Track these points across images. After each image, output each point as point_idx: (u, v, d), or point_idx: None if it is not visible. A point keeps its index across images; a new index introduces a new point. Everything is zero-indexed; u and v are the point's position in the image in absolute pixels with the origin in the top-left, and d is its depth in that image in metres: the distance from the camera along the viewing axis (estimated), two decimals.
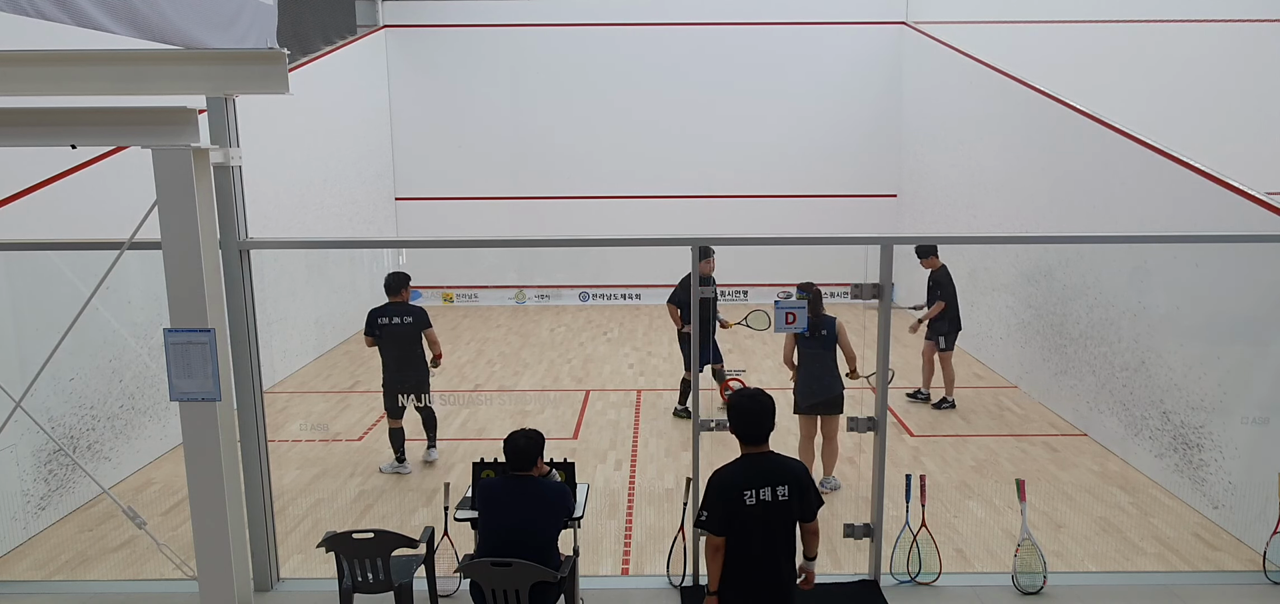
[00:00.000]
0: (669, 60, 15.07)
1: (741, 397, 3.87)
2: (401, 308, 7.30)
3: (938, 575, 5.42)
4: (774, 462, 3.82)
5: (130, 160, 6.64)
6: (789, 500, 3.76)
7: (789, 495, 3.76)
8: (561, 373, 10.81)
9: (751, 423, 3.82)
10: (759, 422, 3.81)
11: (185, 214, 4.39)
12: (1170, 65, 13.82)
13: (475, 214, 15.37)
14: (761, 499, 3.73)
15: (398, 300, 7.31)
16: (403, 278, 7.37)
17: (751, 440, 3.84)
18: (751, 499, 3.73)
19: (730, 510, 3.74)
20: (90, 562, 5.97)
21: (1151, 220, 7.41)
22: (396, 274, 7.37)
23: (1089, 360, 8.18)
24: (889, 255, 5.24)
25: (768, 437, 3.85)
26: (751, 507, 3.73)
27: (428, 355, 7.37)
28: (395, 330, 7.23)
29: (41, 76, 4.37)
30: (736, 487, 3.75)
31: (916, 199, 14.25)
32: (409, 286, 7.41)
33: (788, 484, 3.76)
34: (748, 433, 3.84)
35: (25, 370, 5.88)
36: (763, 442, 3.84)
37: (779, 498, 3.74)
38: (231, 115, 4.99)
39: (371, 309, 7.31)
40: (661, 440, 8.22)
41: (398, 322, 7.23)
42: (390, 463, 7.50)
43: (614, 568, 5.82)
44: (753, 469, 3.79)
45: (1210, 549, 5.99)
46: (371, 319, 7.25)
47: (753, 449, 3.85)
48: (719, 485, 3.79)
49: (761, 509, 3.73)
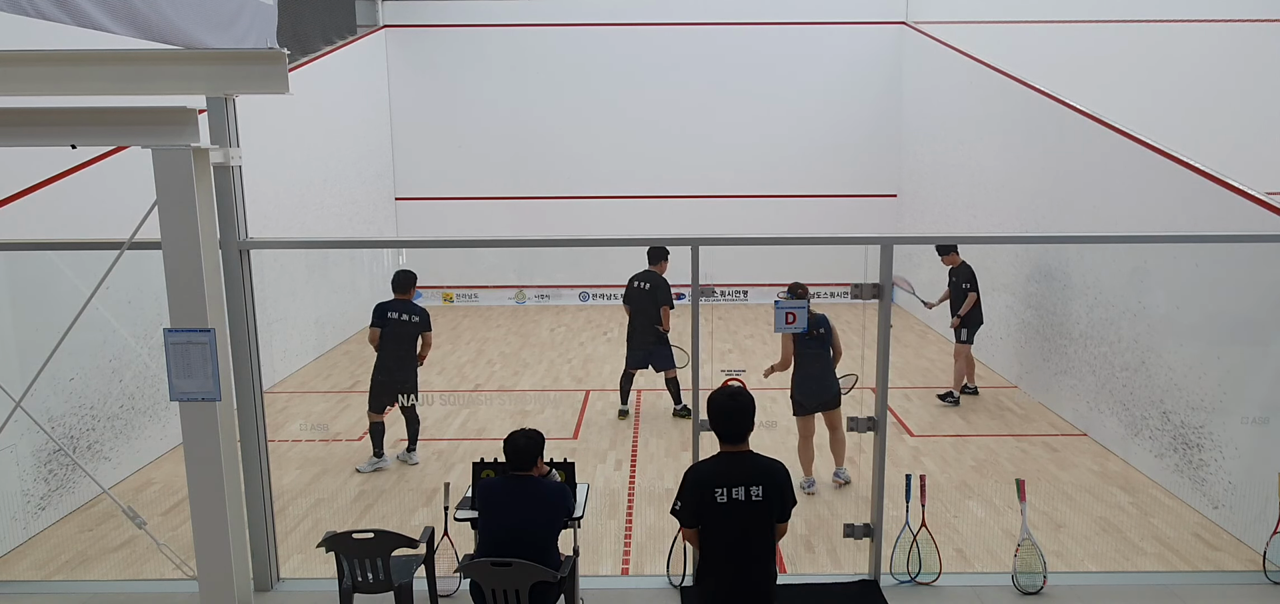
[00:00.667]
0: (669, 60, 15.06)
1: (720, 395, 3.88)
2: (408, 306, 7.44)
3: (938, 575, 5.42)
4: (751, 462, 3.82)
5: (130, 160, 6.64)
6: (763, 502, 3.74)
7: (764, 496, 3.74)
8: (561, 373, 10.81)
9: (729, 421, 3.82)
10: (736, 420, 3.82)
11: (185, 214, 4.39)
12: (1170, 65, 13.82)
13: (475, 214, 15.36)
14: (733, 498, 3.73)
15: (405, 297, 7.45)
16: (412, 276, 7.53)
17: (729, 439, 3.85)
18: (722, 497, 3.73)
19: (701, 505, 3.77)
20: (90, 562, 5.97)
21: (1151, 220, 7.42)
22: (406, 272, 7.53)
23: (1089, 360, 8.18)
24: (889, 255, 5.24)
25: (746, 436, 3.85)
26: (722, 504, 3.74)
27: (418, 355, 7.49)
28: (400, 326, 7.36)
29: (41, 76, 4.37)
30: (708, 484, 3.77)
31: (916, 199, 14.25)
32: (415, 285, 7.56)
33: (763, 485, 3.75)
34: (725, 431, 3.84)
35: (25, 370, 5.88)
36: (741, 441, 3.85)
37: (753, 498, 3.73)
38: (231, 115, 4.98)
39: (379, 302, 7.45)
40: (661, 440, 8.22)
41: (404, 318, 7.38)
42: (369, 461, 7.52)
43: (614, 568, 5.83)
44: (728, 468, 3.79)
45: (1210, 549, 5.99)
46: (380, 311, 7.39)
47: (731, 448, 3.85)
48: (692, 480, 3.82)
49: (733, 508, 3.73)
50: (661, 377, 8.91)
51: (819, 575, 5.67)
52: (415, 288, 7.53)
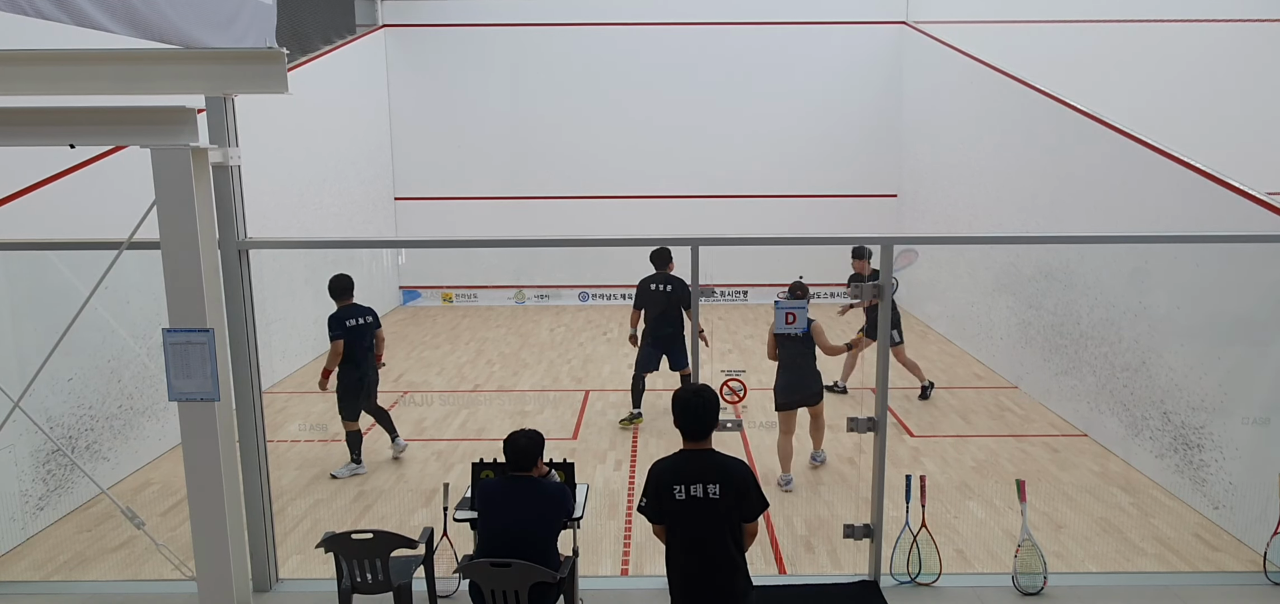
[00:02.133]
0: (669, 60, 15.06)
1: (685, 391, 3.87)
2: (361, 308, 7.38)
3: (938, 576, 5.42)
4: (710, 459, 3.80)
5: (129, 160, 6.63)
6: (721, 500, 3.72)
7: (721, 495, 3.72)
8: (561, 373, 10.80)
9: (689, 417, 3.81)
10: (697, 416, 3.80)
11: (184, 214, 4.38)
12: (1170, 65, 13.82)
13: (475, 214, 15.36)
14: (691, 495, 3.73)
15: (351, 302, 7.37)
16: (350, 280, 7.43)
17: (690, 435, 3.84)
18: (680, 494, 3.74)
19: (661, 502, 3.78)
20: (89, 562, 5.96)
21: (1152, 220, 7.41)
22: (345, 276, 7.42)
23: (1089, 361, 8.18)
24: (889, 255, 5.24)
25: (708, 434, 3.84)
26: (680, 501, 3.74)
27: (377, 355, 7.57)
28: (361, 330, 7.33)
29: (41, 76, 4.36)
30: (666, 481, 3.77)
31: (916, 199, 14.24)
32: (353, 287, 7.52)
33: (720, 483, 3.73)
34: (686, 427, 3.84)
35: (24, 370, 5.87)
36: (702, 438, 3.83)
37: (709, 496, 3.72)
38: (230, 115, 4.98)
39: (333, 313, 7.28)
40: (661, 441, 8.21)
41: (362, 322, 7.34)
42: (346, 466, 7.46)
43: (613, 568, 5.82)
44: (686, 465, 3.79)
45: (1211, 550, 5.98)
46: (338, 321, 7.24)
47: (692, 445, 3.85)
48: (654, 476, 3.84)
49: (690, 505, 3.73)
50: (678, 374, 8.76)
51: (819, 576, 5.66)
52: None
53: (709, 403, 3.82)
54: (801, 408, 7.08)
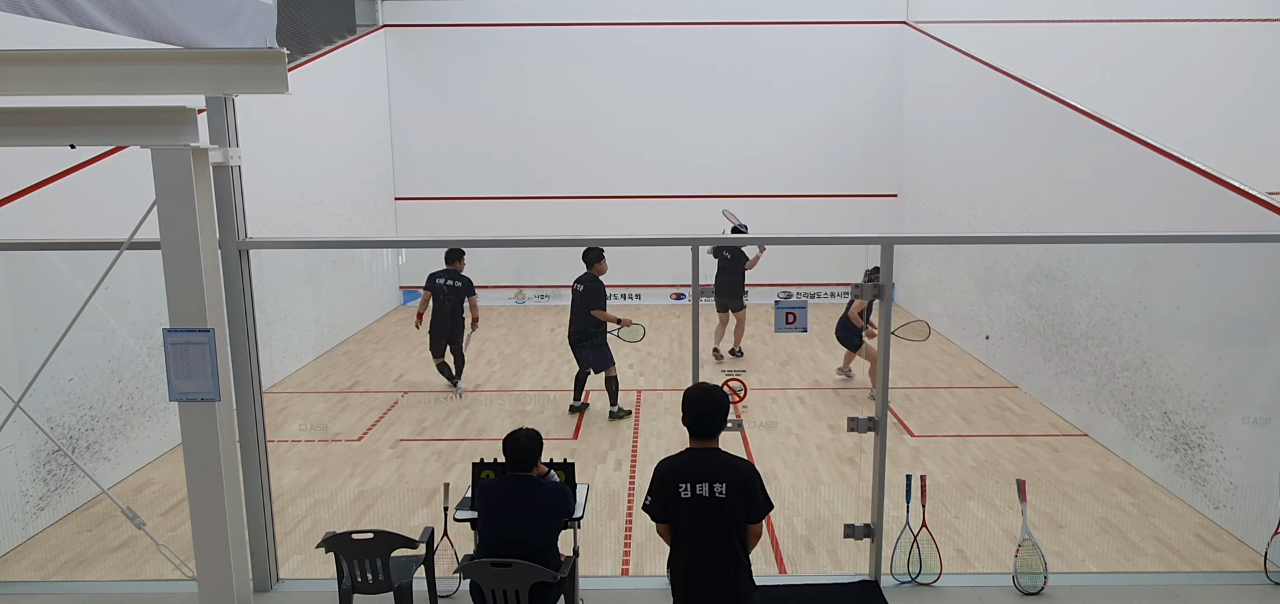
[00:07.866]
0: (669, 60, 15.05)
1: (696, 388, 3.87)
2: (455, 273, 9.54)
3: (938, 576, 5.42)
4: (717, 458, 3.80)
5: (129, 160, 6.63)
6: (727, 499, 3.72)
7: (727, 494, 3.72)
8: (561, 373, 10.80)
9: (700, 415, 3.81)
10: (706, 414, 3.81)
11: (184, 214, 4.38)
12: (1170, 65, 13.81)
13: (475, 214, 15.36)
14: (697, 494, 3.72)
15: (451, 267, 9.56)
16: (459, 251, 9.62)
17: (699, 434, 3.84)
18: (686, 493, 3.73)
19: (667, 500, 3.78)
20: (89, 562, 5.96)
21: (1153, 220, 7.41)
22: (456, 249, 9.47)
23: (1090, 360, 8.18)
24: (889, 255, 5.24)
25: (716, 433, 3.84)
26: (686, 500, 3.73)
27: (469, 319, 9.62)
28: (446, 290, 9.43)
29: (41, 76, 4.36)
30: (672, 479, 3.77)
31: (916, 199, 14.24)
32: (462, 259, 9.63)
33: (726, 482, 3.73)
34: (695, 425, 3.83)
35: (24, 370, 5.87)
36: (710, 437, 3.83)
37: (716, 495, 3.72)
38: (231, 115, 4.97)
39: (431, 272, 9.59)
40: (661, 440, 8.21)
41: (449, 284, 9.46)
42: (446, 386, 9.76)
43: (614, 568, 5.82)
44: (693, 463, 3.78)
45: (1211, 550, 5.98)
46: (429, 277, 9.55)
47: (699, 443, 3.84)
48: (659, 474, 3.83)
49: (696, 503, 3.73)
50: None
51: (819, 576, 5.66)
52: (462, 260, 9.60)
53: (719, 402, 3.82)
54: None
